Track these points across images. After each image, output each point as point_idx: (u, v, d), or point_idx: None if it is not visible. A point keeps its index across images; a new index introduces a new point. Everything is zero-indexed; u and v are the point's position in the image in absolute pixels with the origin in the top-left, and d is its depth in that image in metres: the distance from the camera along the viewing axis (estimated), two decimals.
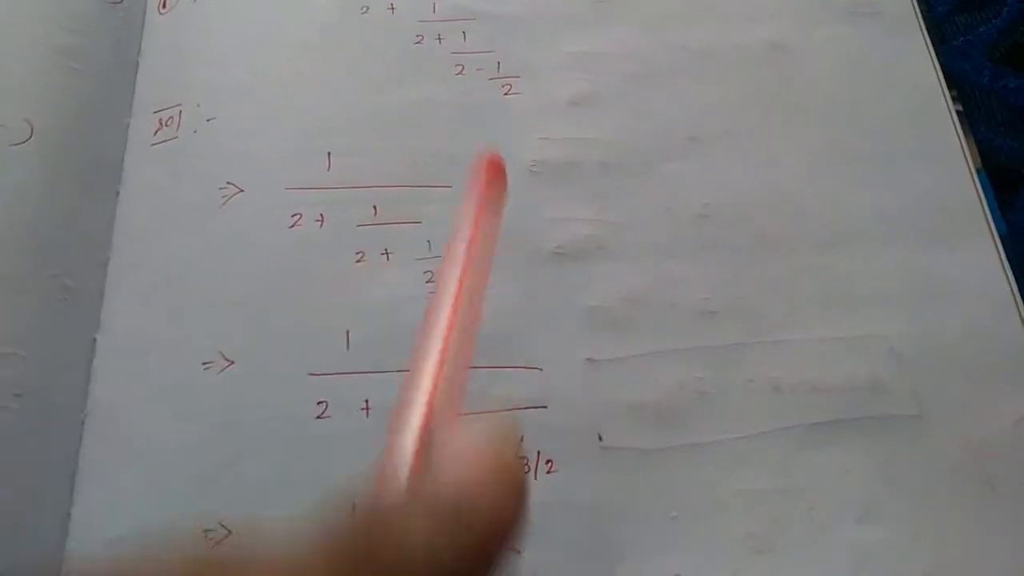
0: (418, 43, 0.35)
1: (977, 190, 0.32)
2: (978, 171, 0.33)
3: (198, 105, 0.33)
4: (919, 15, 0.36)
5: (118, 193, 0.32)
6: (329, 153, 0.32)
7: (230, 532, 0.26)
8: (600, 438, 0.28)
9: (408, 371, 0.17)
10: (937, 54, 0.35)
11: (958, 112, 0.34)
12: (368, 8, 0.36)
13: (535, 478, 0.27)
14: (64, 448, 0.27)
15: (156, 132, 0.33)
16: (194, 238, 0.31)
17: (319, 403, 0.28)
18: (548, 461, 0.27)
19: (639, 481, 0.27)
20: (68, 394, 0.28)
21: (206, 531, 0.26)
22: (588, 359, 0.29)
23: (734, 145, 0.33)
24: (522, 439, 0.28)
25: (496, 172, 0.22)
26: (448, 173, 0.32)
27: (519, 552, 0.26)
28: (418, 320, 0.29)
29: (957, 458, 0.27)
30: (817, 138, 0.33)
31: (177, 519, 0.26)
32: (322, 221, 0.31)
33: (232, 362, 0.28)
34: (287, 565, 0.13)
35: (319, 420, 0.28)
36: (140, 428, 0.28)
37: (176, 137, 0.33)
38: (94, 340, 0.29)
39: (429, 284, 0.30)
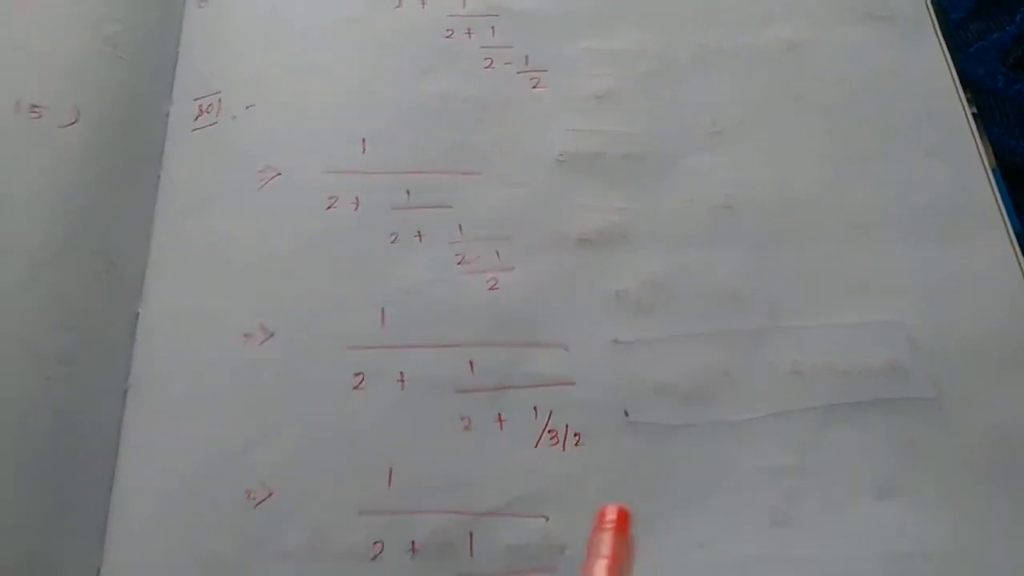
0: (448, 37, 0.36)
1: (992, 187, 0.33)
2: (993, 170, 0.34)
3: (237, 93, 0.34)
4: (934, 21, 0.37)
5: (159, 176, 0.33)
6: (364, 139, 0.33)
7: (271, 492, 0.27)
8: (626, 413, 0.28)
9: None
10: (952, 59, 0.36)
11: (973, 114, 0.35)
12: (400, 3, 0.37)
13: (563, 450, 0.28)
14: (108, 416, 0.28)
15: (196, 118, 0.34)
16: (234, 217, 0.32)
17: (356, 375, 0.29)
18: (576, 434, 0.28)
19: (663, 455, 0.28)
20: (111, 364, 0.29)
21: (247, 491, 0.27)
22: (614, 340, 0.30)
23: (754, 139, 0.34)
24: (550, 414, 0.28)
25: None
26: (478, 161, 0.33)
27: (546, 519, 0.27)
28: (449, 298, 0.30)
29: (974, 438, 0.28)
30: (835, 134, 0.34)
31: (218, 480, 0.27)
32: (357, 204, 0.32)
33: (272, 334, 0.29)
34: None
35: (356, 391, 0.29)
36: (181, 398, 0.29)
37: (216, 123, 0.34)
38: (137, 313, 0.30)
39: (459, 266, 0.31)
